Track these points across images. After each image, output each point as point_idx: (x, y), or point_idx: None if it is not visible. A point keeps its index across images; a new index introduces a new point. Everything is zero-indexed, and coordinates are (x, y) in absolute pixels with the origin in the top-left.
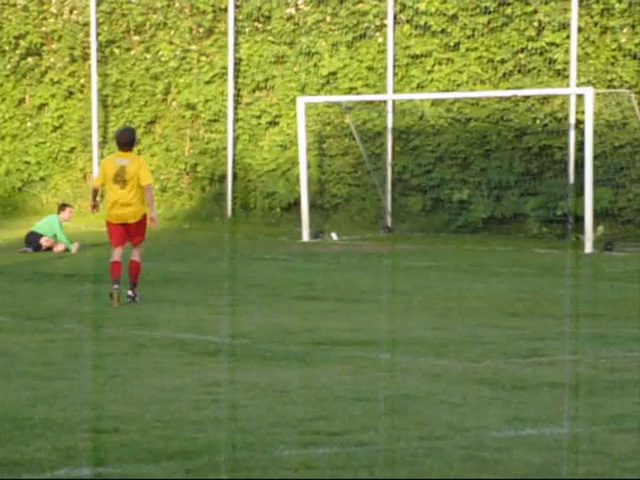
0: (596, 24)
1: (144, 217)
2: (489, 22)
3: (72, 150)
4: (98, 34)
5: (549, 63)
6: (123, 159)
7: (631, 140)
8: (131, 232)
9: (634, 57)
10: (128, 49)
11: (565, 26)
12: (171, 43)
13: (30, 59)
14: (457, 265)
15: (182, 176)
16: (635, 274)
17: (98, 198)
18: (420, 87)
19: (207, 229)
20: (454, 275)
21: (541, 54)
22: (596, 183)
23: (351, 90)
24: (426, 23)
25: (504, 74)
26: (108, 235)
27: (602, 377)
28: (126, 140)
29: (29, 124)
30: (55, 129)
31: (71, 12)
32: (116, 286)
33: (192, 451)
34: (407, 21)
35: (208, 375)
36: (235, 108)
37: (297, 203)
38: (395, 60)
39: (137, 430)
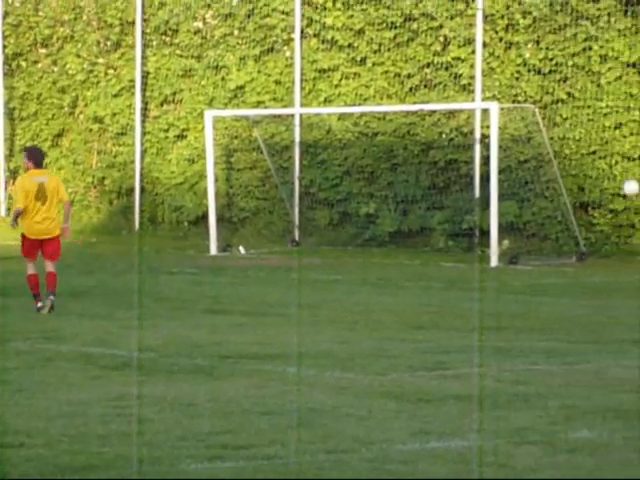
0: (501, 39)
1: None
2: (395, 37)
3: None
4: (5, 47)
5: (455, 78)
6: (40, 176)
7: (535, 154)
8: (49, 247)
9: (538, 72)
10: (35, 62)
11: (470, 41)
12: (78, 56)
13: None
14: (364, 279)
15: (90, 189)
16: (539, 287)
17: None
18: (327, 101)
19: (115, 242)
20: (361, 288)
21: (447, 69)
22: (501, 197)
23: (259, 104)
24: (333, 37)
25: (410, 88)
26: (24, 249)
27: (506, 390)
28: (42, 157)
29: None
30: None
31: None
32: (40, 304)
33: (99, 465)
34: (314, 35)
35: (115, 389)
36: (143, 121)
37: (205, 217)
38: (302, 74)
39: (43, 444)
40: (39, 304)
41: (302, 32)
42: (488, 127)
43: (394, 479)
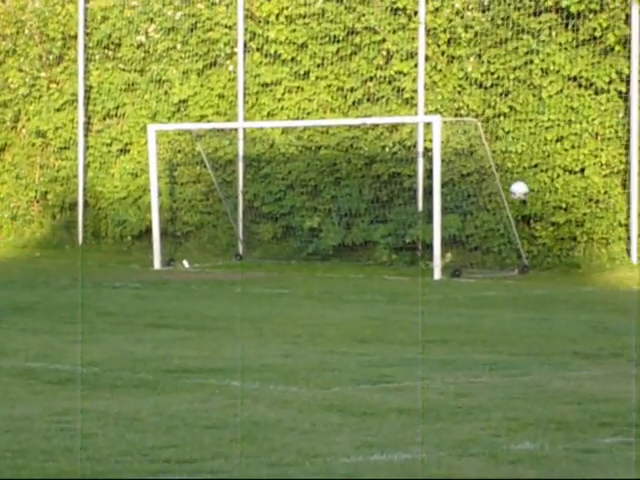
0: (443, 53)
1: None
2: (338, 51)
3: None
4: None
5: (397, 91)
6: None
7: (478, 168)
8: None
9: (480, 86)
10: None
11: (413, 55)
12: (20, 70)
13: None
14: (308, 292)
15: (32, 204)
16: (482, 300)
17: None
18: (270, 115)
19: (58, 257)
20: (305, 302)
21: (390, 82)
22: (444, 210)
23: (202, 118)
24: (276, 51)
25: (353, 102)
26: None
27: (449, 403)
28: None
29: None
30: None
31: None
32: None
33: None
34: (257, 49)
35: (58, 404)
36: (86, 136)
37: (148, 231)
38: (245, 88)
39: None
40: None
41: (245, 46)
42: (431, 141)
43: None
